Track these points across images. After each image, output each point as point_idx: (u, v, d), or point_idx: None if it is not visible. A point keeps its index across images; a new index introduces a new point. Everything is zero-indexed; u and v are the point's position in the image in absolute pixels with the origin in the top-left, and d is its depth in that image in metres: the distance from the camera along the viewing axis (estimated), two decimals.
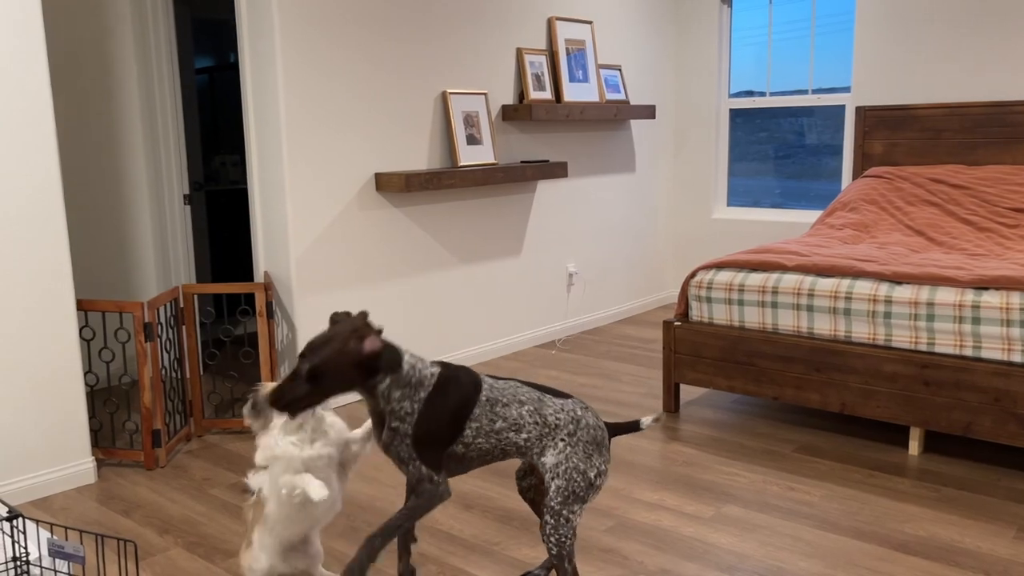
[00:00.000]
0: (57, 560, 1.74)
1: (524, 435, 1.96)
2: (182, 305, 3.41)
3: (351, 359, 1.80)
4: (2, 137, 2.73)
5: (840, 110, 5.12)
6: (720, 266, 3.51)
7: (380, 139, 3.90)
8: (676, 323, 3.56)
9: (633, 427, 2.11)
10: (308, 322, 3.69)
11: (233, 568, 2.41)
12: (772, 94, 5.38)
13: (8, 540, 2.04)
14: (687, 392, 3.95)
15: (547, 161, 4.55)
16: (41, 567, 1.77)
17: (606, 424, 2.07)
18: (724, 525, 2.61)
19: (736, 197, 5.66)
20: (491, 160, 4.31)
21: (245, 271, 5.63)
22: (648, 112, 5.17)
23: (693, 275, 3.56)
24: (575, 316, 5.13)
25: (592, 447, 1.98)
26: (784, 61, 5.32)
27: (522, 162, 4.50)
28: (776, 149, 5.46)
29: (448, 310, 4.33)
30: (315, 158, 3.65)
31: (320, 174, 3.68)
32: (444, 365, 1.96)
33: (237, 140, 6.18)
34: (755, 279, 3.37)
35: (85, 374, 3.02)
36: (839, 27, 5.09)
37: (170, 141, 4.21)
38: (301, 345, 3.68)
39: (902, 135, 4.68)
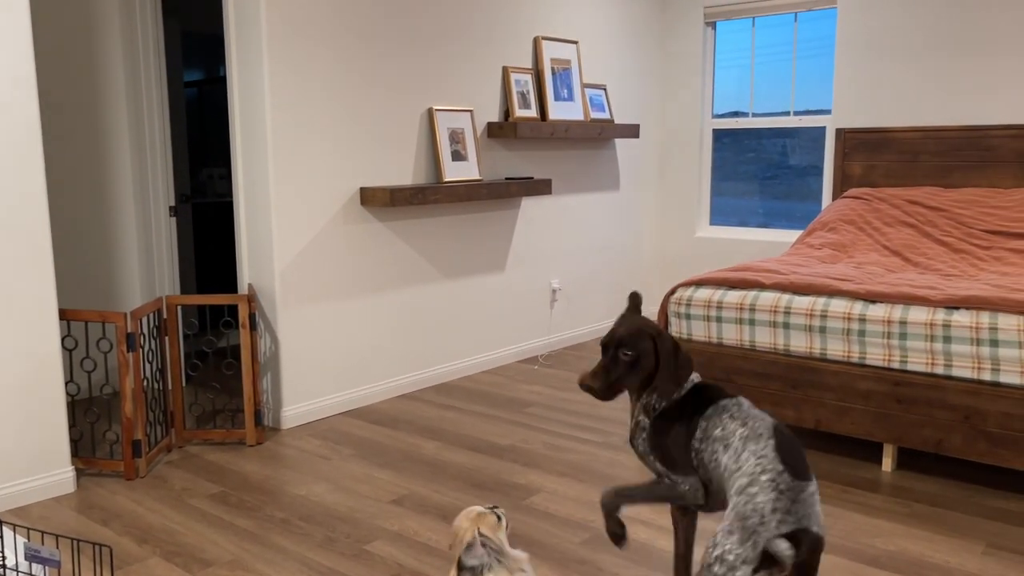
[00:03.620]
0: (33, 565, 1.76)
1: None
2: (165, 316, 3.43)
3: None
4: None
5: (820, 132, 5.21)
6: (699, 283, 3.56)
7: (366, 154, 3.95)
8: None
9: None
10: (291, 334, 3.71)
11: None
12: (755, 115, 5.46)
13: None
14: None
15: (531, 178, 4.60)
16: (18, 572, 1.78)
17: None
18: (698, 538, 2.64)
19: (723, 216, 5.73)
20: (476, 176, 4.36)
21: (230, 283, 5.64)
22: (632, 131, 5.23)
23: (673, 292, 3.61)
24: (558, 332, 5.17)
25: None
26: (769, 83, 5.41)
27: (507, 179, 4.56)
28: (762, 169, 5.54)
29: (432, 325, 4.36)
30: (301, 172, 3.69)
31: (305, 188, 3.71)
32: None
33: (225, 153, 6.21)
34: (733, 296, 3.42)
35: (66, 384, 3.03)
36: (821, 51, 5.19)
37: (157, 153, 4.23)
38: (285, 357, 3.70)
39: (880, 157, 4.77)
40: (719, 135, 5.65)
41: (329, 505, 2.91)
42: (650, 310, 5.95)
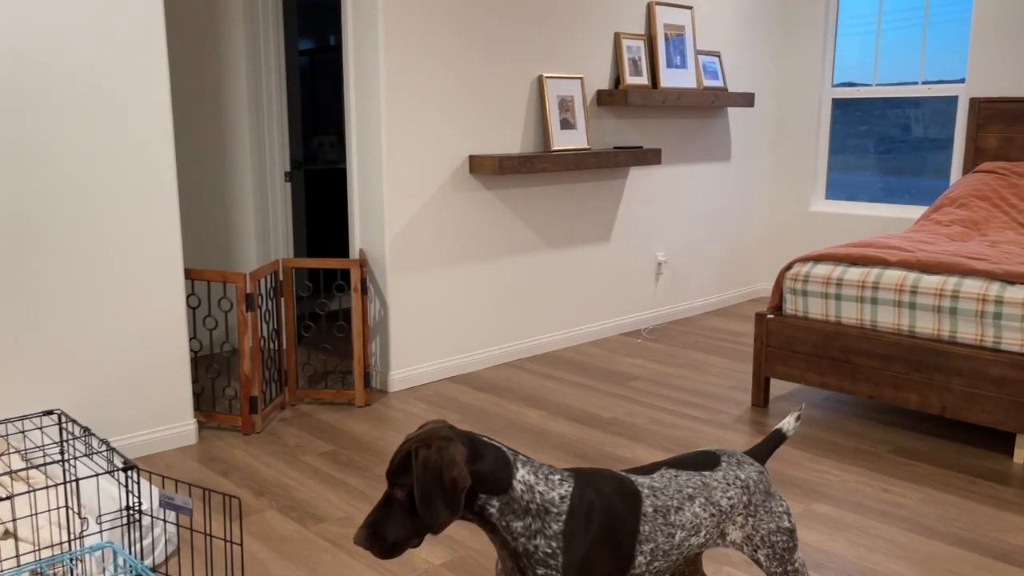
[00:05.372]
0: (167, 511, 1.84)
1: (704, 534, 1.59)
2: (281, 278, 3.53)
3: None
4: (124, 117, 2.88)
5: (949, 103, 4.89)
6: (818, 259, 3.42)
7: (475, 122, 3.94)
8: (769, 316, 3.49)
9: (778, 439, 1.81)
10: (400, 300, 3.77)
11: (324, 532, 2.50)
12: (880, 84, 5.18)
13: (122, 490, 2.17)
14: (777, 387, 3.86)
15: (640, 147, 4.51)
16: (152, 516, 1.88)
17: (755, 453, 1.78)
18: (813, 522, 2.55)
19: (833, 191, 5.48)
20: (584, 145, 4.30)
21: (338, 249, 5.79)
22: (746, 100, 5.05)
23: (789, 267, 3.48)
24: (662, 306, 5.08)
25: (768, 499, 1.68)
26: (890, 51, 5.11)
27: (615, 148, 4.47)
28: (877, 143, 5.25)
29: (535, 294, 4.35)
30: (412, 139, 3.71)
31: (416, 155, 3.74)
32: (578, 477, 1.48)
33: (334, 121, 6.34)
34: (854, 274, 3.27)
35: (190, 340, 3.17)
36: (951, 17, 4.85)
37: (274, 121, 4.35)
38: (393, 322, 3.77)
39: (1018, 129, 4.44)
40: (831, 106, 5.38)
41: None
42: (761, 286, 5.77)
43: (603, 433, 3.29)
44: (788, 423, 1.81)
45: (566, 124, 4.23)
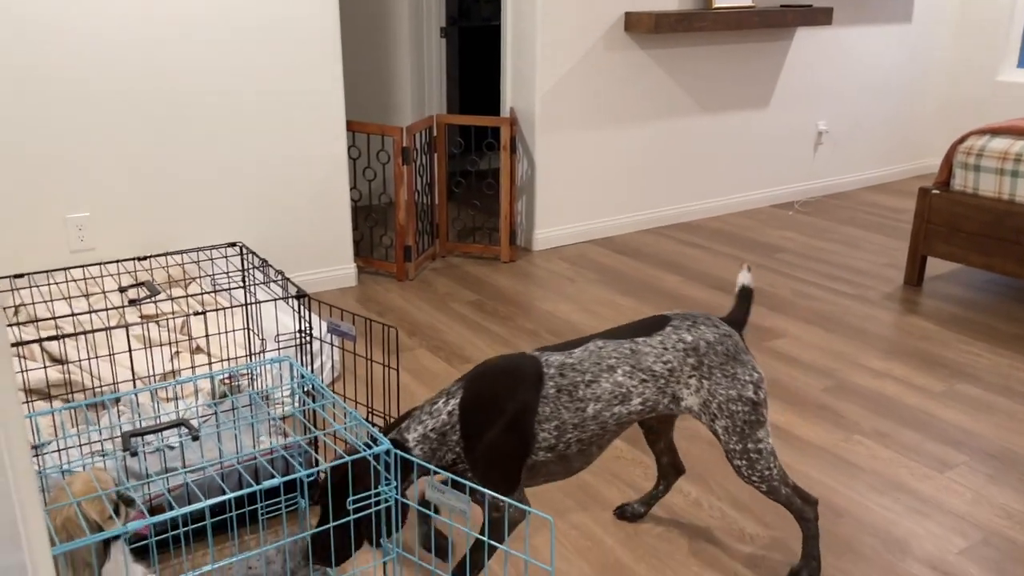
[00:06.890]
0: (333, 336, 2.05)
1: (637, 400, 1.60)
2: (435, 134, 3.65)
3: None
4: None
5: None
6: (996, 132, 3.16)
7: None
8: (934, 191, 3.30)
9: (746, 296, 1.75)
10: (547, 160, 3.82)
11: None
12: None
13: (295, 316, 2.42)
14: (934, 267, 3.69)
15: (810, 6, 4.21)
16: (320, 341, 2.10)
17: (730, 317, 1.73)
18: (955, 401, 2.51)
19: None
20: (748, 2, 4.06)
21: (489, 107, 5.84)
22: None
23: (963, 140, 3.24)
24: (819, 178, 4.87)
25: (729, 363, 1.62)
26: None
27: (782, 6, 4.20)
28: None
29: (684, 160, 4.28)
30: None
31: (571, 11, 3.67)
32: (467, 383, 1.58)
33: None
34: None
35: (351, 190, 3.38)
36: None
37: None
38: (540, 182, 3.83)
39: None
40: None
41: (575, 322, 3.09)
42: (931, 162, 5.39)
43: None
44: (744, 276, 1.75)
45: None
